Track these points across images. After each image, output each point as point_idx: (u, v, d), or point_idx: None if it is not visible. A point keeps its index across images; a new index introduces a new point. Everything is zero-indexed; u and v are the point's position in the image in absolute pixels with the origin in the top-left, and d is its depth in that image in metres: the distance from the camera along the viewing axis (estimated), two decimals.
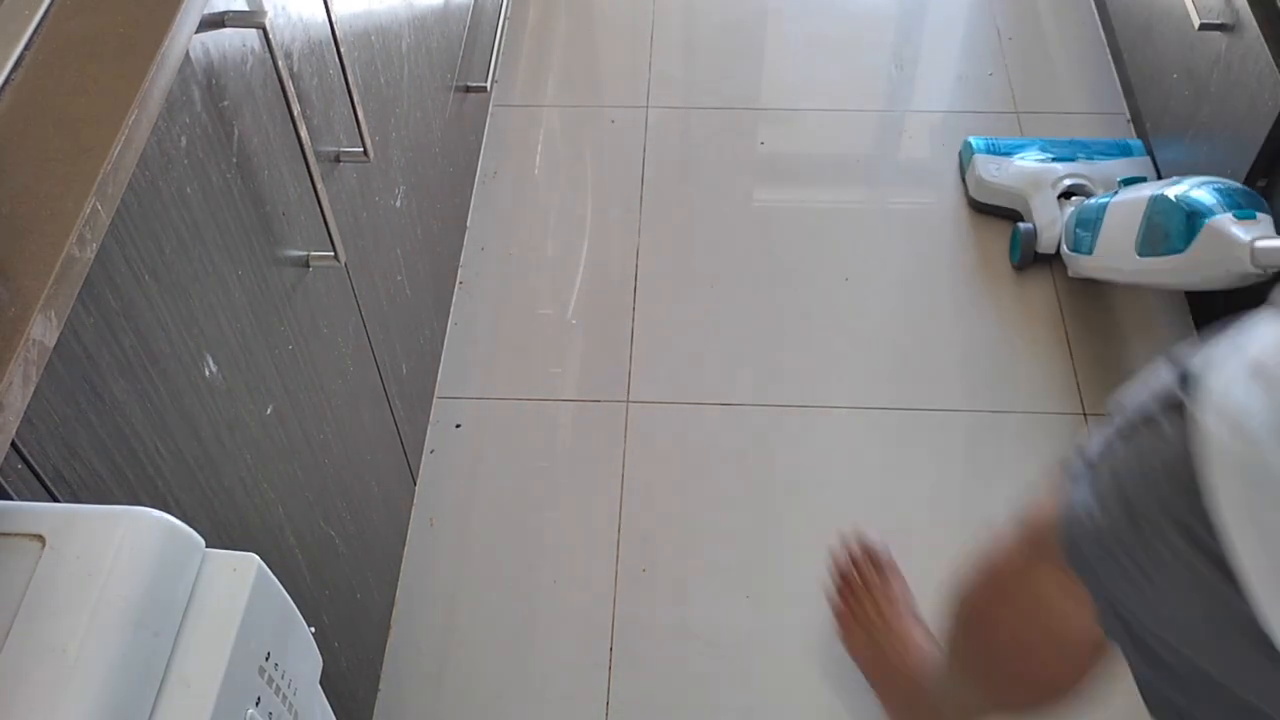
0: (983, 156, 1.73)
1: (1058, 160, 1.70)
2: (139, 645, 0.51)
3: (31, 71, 0.63)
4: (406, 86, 1.25)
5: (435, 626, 1.38)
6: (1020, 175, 1.69)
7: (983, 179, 1.71)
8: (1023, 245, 1.64)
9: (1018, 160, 1.71)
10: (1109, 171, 1.67)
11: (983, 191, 1.72)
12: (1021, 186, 1.68)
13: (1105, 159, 1.70)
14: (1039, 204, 1.65)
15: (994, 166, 1.71)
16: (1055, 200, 1.64)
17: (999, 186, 1.70)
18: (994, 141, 1.76)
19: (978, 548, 0.93)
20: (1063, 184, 1.66)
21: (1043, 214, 1.64)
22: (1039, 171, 1.68)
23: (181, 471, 0.74)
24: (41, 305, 0.53)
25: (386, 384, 1.23)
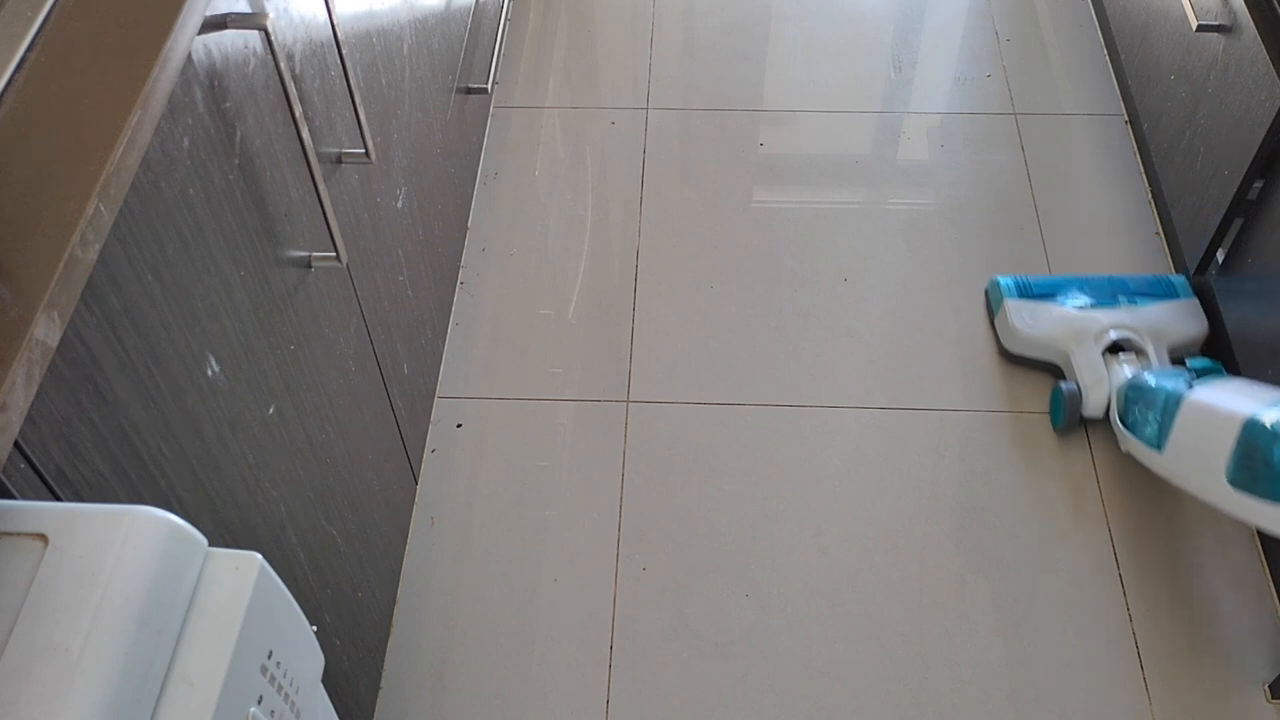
0: (1014, 302, 1.56)
1: (1098, 306, 1.53)
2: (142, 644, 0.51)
3: (34, 73, 0.63)
4: (408, 88, 1.25)
5: (436, 625, 1.38)
6: (1059, 326, 1.52)
7: (1016, 329, 1.54)
8: (1067, 409, 1.47)
9: (1053, 306, 1.54)
10: (1156, 319, 1.51)
11: (1016, 342, 1.55)
12: (1061, 340, 1.51)
13: (1149, 301, 1.53)
14: (1082, 360, 1.48)
15: (1027, 314, 1.54)
16: (1100, 356, 1.48)
17: (1035, 339, 1.53)
18: (1024, 282, 1.59)
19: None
20: (1108, 337, 1.49)
21: (1087, 372, 1.47)
22: (1080, 322, 1.51)
23: (184, 471, 0.74)
24: (44, 305, 0.53)
25: (388, 384, 1.24)
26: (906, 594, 1.40)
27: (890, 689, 1.33)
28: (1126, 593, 1.39)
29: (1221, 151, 1.40)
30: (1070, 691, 1.32)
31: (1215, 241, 1.44)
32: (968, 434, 1.53)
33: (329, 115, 0.99)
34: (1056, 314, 1.54)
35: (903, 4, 2.11)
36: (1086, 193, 1.80)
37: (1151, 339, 1.49)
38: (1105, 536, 1.43)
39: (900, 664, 1.34)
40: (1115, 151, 1.85)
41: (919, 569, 1.42)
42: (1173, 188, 1.56)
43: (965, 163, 1.85)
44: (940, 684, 1.33)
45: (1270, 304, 1.32)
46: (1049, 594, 1.39)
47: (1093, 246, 1.72)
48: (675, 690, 1.33)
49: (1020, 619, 1.37)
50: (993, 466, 1.50)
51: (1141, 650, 1.35)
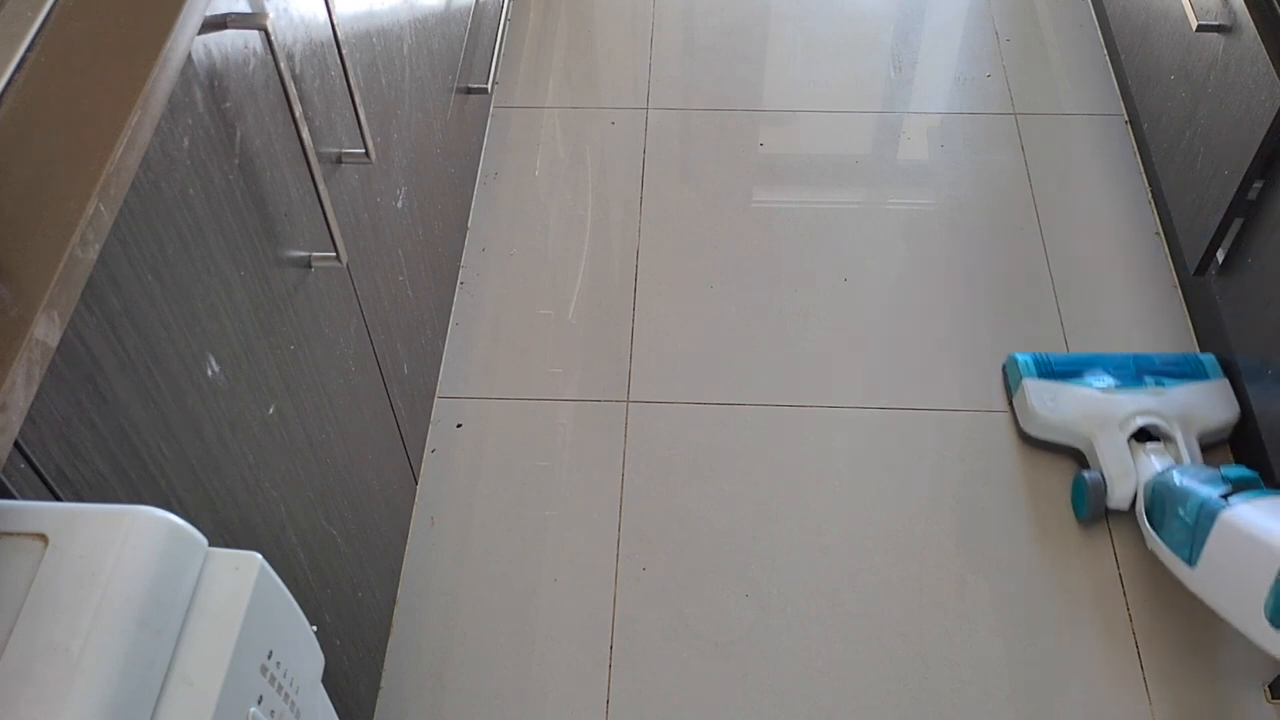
0: (1033, 383, 1.48)
1: (1122, 388, 1.45)
2: (142, 644, 0.51)
3: (34, 73, 0.63)
4: (408, 88, 1.25)
5: (436, 625, 1.38)
6: (1081, 411, 1.44)
7: (1036, 413, 1.46)
8: (1091, 501, 1.39)
9: (1075, 388, 1.47)
10: (1184, 404, 1.43)
11: (1036, 426, 1.47)
12: (1084, 425, 1.43)
13: (1176, 383, 1.46)
14: (1107, 449, 1.40)
15: (1048, 397, 1.46)
16: (1126, 444, 1.40)
17: (1056, 424, 1.45)
18: (1044, 360, 1.51)
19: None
20: (1134, 423, 1.41)
21: (1113, 462, 1.40)
22: (1104, 406, 1.43)
23: (184, 471, 0.74)
24: (44, 305, 0.53)
25: (388, 384, 1.24)
26: (906, 594, 1.40)
27: (890, 689, 1.33)
28: (1126, 592, 1.39)
29: (1221, 151, 1.40)
30: (1070, 691, 1.32)
31: (1215, 241, 1.44)
32: (968, 434, 1.53)
33: (329, 115, 0.99)
34: (1079, 396, 1.45)
35: (903, 4, 2.12)
36: (1086, 193, 1.80)
37: (1180, 426, 1.41)
38: (1105, 536, 1.43)
39: (900, 664, 1.34)
40: (1115, 151, 1.85)
41: (919, 569, 1.42)
42: (1173, 188, 1.56)
43: (965, 163, 1.85)
44: (940, 684, 1.33)
45: (1270, 304, 1.32)
46: (1049, 594, 1.39)
47: (1093, 246, 1.73)
48: (675, 690, 1.33)
49: (1020, 619, 1.37)
50: (993, 466, 1.50)
51: (1141, 650, 1.35)
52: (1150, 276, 1.69)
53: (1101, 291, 1.67)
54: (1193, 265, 1.50)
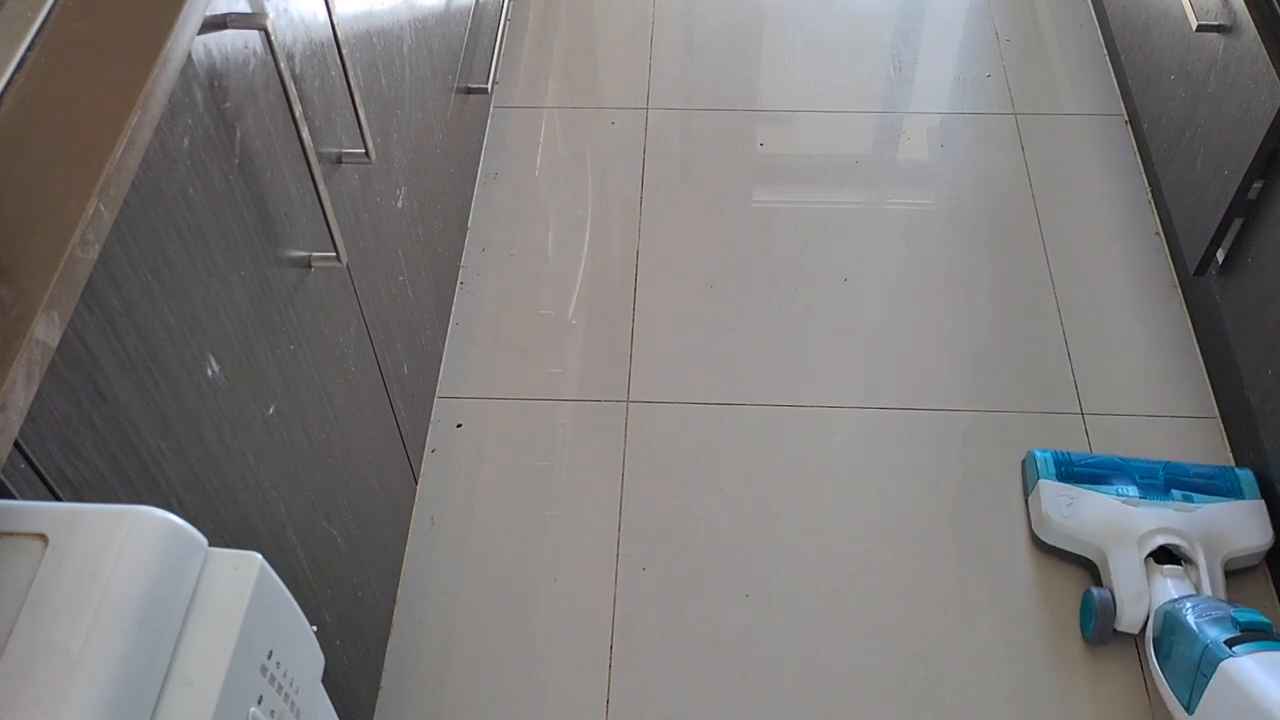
0: (1050, 486, 1.39)
1: (1146, 499, 1.36)
2: (142, 644, 0.51)
3: (34, 73, 0.63)
4: (408, 88, 1.25)
5: (436, 625, 1.38)
6: (1098, 521, 1.35)
7: (1050, 519, 1.37)
8: (1099, 621, 1.30)
9: (1096, 494, 1.37)
10: (1212, 524, 1.32)
11: (1048, 533, 1.38)
12: (1099, 537, 1.34)
13: (1207, 500, 1.35)
14: (1121, 566, 1.31)
15: (1065, 503, 1.37)
16: (1142, 564, 1.31)
17: (1070, 533, 1.36)
18: (1065, 460, 1.42)
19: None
20: (1153, 542, 1.32)
21: (1125, 582, 1.30)
22: (1123, 519, 1.34)
23: (184, 471, 0.74)
24: (44, 305, 0.53)
25: (388, 384, 1.24)
26: (906, 594, 1.40)
27: (890, 689, 1.33)
28: None
29: (1221, 151, 1.40)
30: (1071, 692, 1.32)
31: (1215, 241, 1.44)
32: (968, 434, 1.53)
33: (329, 115, 0.99)
34: (1098, 505, 1.36)
35: (903, 4, 2.12)
36: (1086, 193, 1.80)
37: (1204, 548, 1.31)
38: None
39: (900, 664, 1.34)
40: (1115, 151, 1.85)
41: (919, 569, 1.42)
42: (1173, 188, 1.56)
43: (965, 163, 1.85)
44: (940, 684, 1.33)
45: (1270, 304, 1.32)
46: (1050, 593, 1.39)
47: (1093, 246, 1.73)
48: (675, 690, 1.33)
49: (1020, 619, 1.37)
50: (992, 466, 1.50)
51: (1142, 649, 1.35)
52: (1150, 276, 1.69)
53: (1101, 291, 1.67)
54: (1193, 265, 1.50)
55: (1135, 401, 1.56)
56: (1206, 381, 1.57)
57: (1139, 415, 1.54)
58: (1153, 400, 1.56)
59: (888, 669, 1.34)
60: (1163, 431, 1.52)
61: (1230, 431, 1.51)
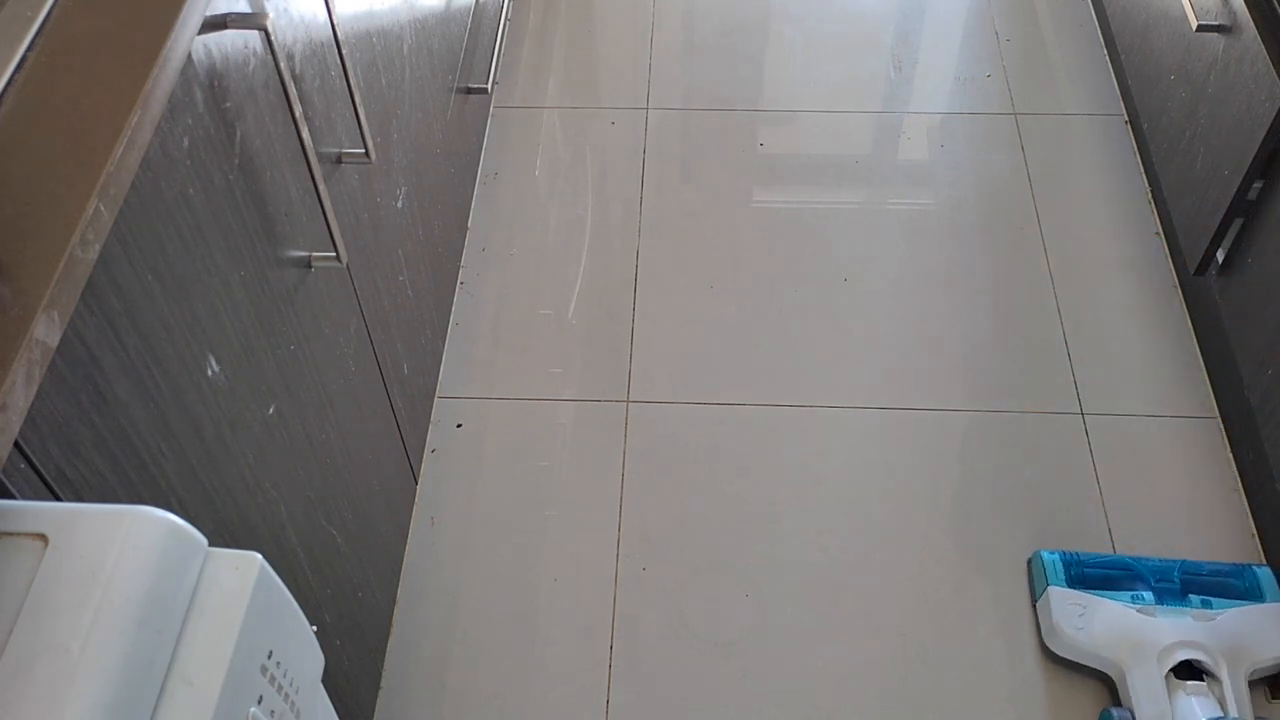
0: (1060, 594, 1.31)
1: (1164, 604, 1.29)
2: (142, 644, 0.51)
3: (34, 72, 0.63)
4: (408, 88, 1.25)
5: (436, 625, 1.38)
6: (1114, 634, 1.27)
7: (1062, 631, 1.29)
8: None
9: (1109, 603, 1.29)
10: (1235, 634, 1.25)
11: (1061, 644, 1.30)
12: (1116, 653, 1.26)
13: (1227, 605, 1.29)
14: (1141, 685, 1.23)
15: (1076, 612, 1.29)
16: (1163, 681, 1.23)
17: (1084, 647, 1.28)
18: (1074, 561, 1.34)
19: None
20: (1174, 657, 1.24)
21: (1146, 701, 1.22)
22: (1141, 632, 1.26)
23: (184, 471, 0.74)
24: (44, 305, 0.53)
25: (388, 384, 1.24)
26: (906, 594, 1.40)
27: (890, 689, 1.33)
28: None
29: (1221, 151, 1.40)
30: (1071, 692, 1.32)
31: (1215, 241, 1.44)
32: (968, 434, 1.53)
33: (329, 115, 0.99)
34: (1113, 616, 1.28)
35: (903, 4, 2.12)
36: (1086, 193, 1.80)
37: (1227, 662, 1.23)
38: (1105, 535, 1.43)
39: (900, 664, 1.34)
40: (1115, 151, 1.85)
41: (919, 569, 1.42)
42: (1173, 188, 1.56)
43: (965, 163, 1.85)
44: (940, 684, 1.33)
45: (1270, 304, 1.32)
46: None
47: (1093, 246, 1.72)
48: (675, 690, 1.33)
49: (1020, 619, 1.37)
50: (992, 466, 1.50)
51: None
52: (1150, 276, 1.69)
53: (1101, 291, 1.67)
54: (1193, 265, 1.50)
55: (1135, 401, 1.56)
56: (1206, 381, 1.57)
57: (1139, 415, 1.54)
58: (1153, 400, 1.56)
59: (888, 669, 1.34)
60: (1163, 431, 1.52)
61: (1230, 431, 1.51)
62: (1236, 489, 1.47)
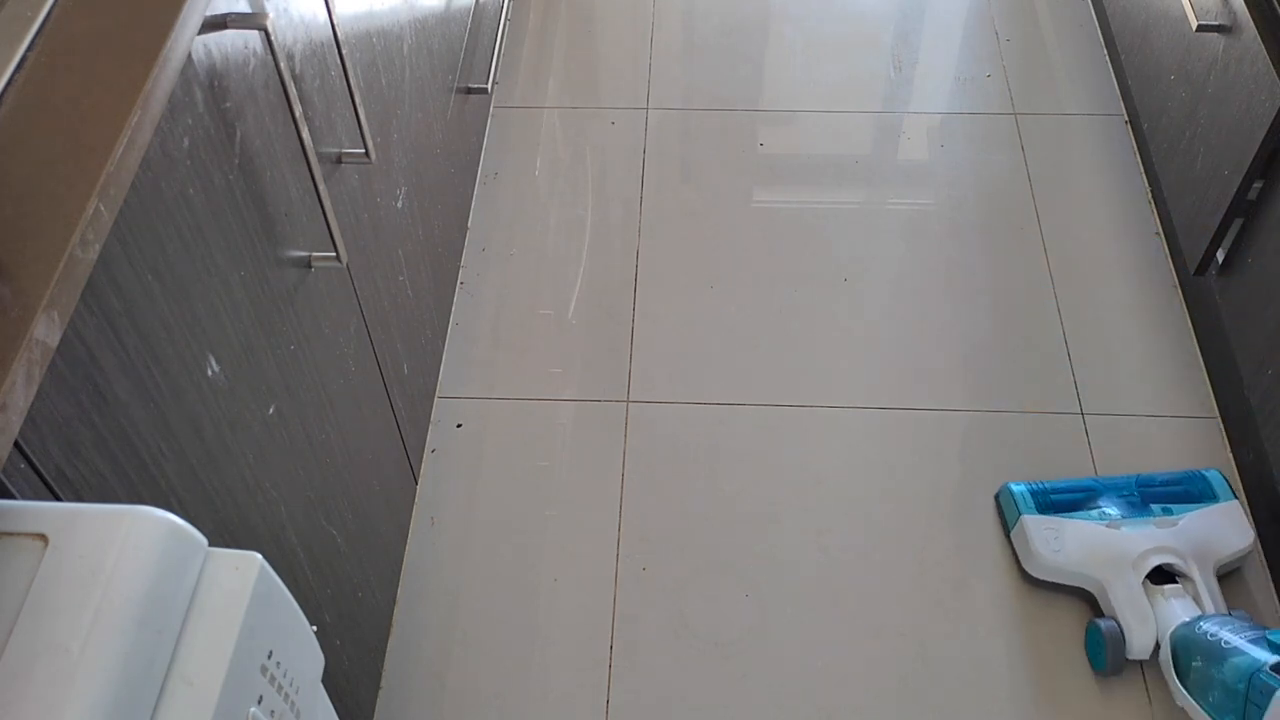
0: (1033, 521, 1.37)
1: (1128, 520, 1.35)
2: (141, 644, 0.51)
3: (34, 72, 0.63)
4: (408, 88, 1.25)
5: (436, 625, 1.38)
6: (1088, 550, 1.33)
7: (1040, 555, 1.35)
8: (1110, 653, 1.28)
9: (1079, 523, 1.36)
10: (1199, 535, 1.33)
11: (1040, 568, 1.36)
12: (1093, 568, 1.33)
13: (1186, 509, 1.36)
14: (1121, 594, 1.30)
15: (1051, 536, 1.35)
16: (1142, 588, 1.30)
17: (1064, 568, 1.34)
18: (1041, 491, 1.41)
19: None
20: (1148, 563, 1.31)
21: (1129, 609, 1.29)
22: (1113, 546, 1.33)
23: (184, 471, 0.74)
24: (44, 305, 0.53)
25: (388, 384, 1.24)
26: (906, 594, 1.40)
27: (890, 689, 1.33)
28: None
29: (1221, 151, 1.40)
30: (1071, 692, 1.32)
31: (1215, 241, 1.44)
32: (968, 434, 1.53)
33: (329, 115, 0.99)
34: (1085, 534, 1.35)
35: (903, 4, 2.12)
36: (1086, 193, 1.80)
37: (1196, 561, 1.31)
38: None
39: (900, 664, 1.34)
40: (1115, 151, 1.85)
41: (919, 569, 1.42)
42: (1173, 188, 1.56)
43: (965, 163, 1.85)
44: (940, 684, 1.33)
45: (1270, 304, 1.32)
46: (1049, 593, 1.39)
47: (1093, 247, 1.73)
48: (675, 690, 1.33)
49: (1020, 619, 1.37)
50: (993, 466, 1.50)
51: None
52: (1150, 276, 1.69)
53: (1101, 291, 1.67)
54: (1193, 265, 1.50)
55: (1135, 401, 1.56)
56: (1206, 381, 1.57)
57: (1139, 415, 1.54)
58: (1153, 400, 1.56)
59: (887, 669, 1.34)
60: (1163, 431, 1.52)
61: (1230, 431, 1.51)
62: (1237, 489, 1.47)
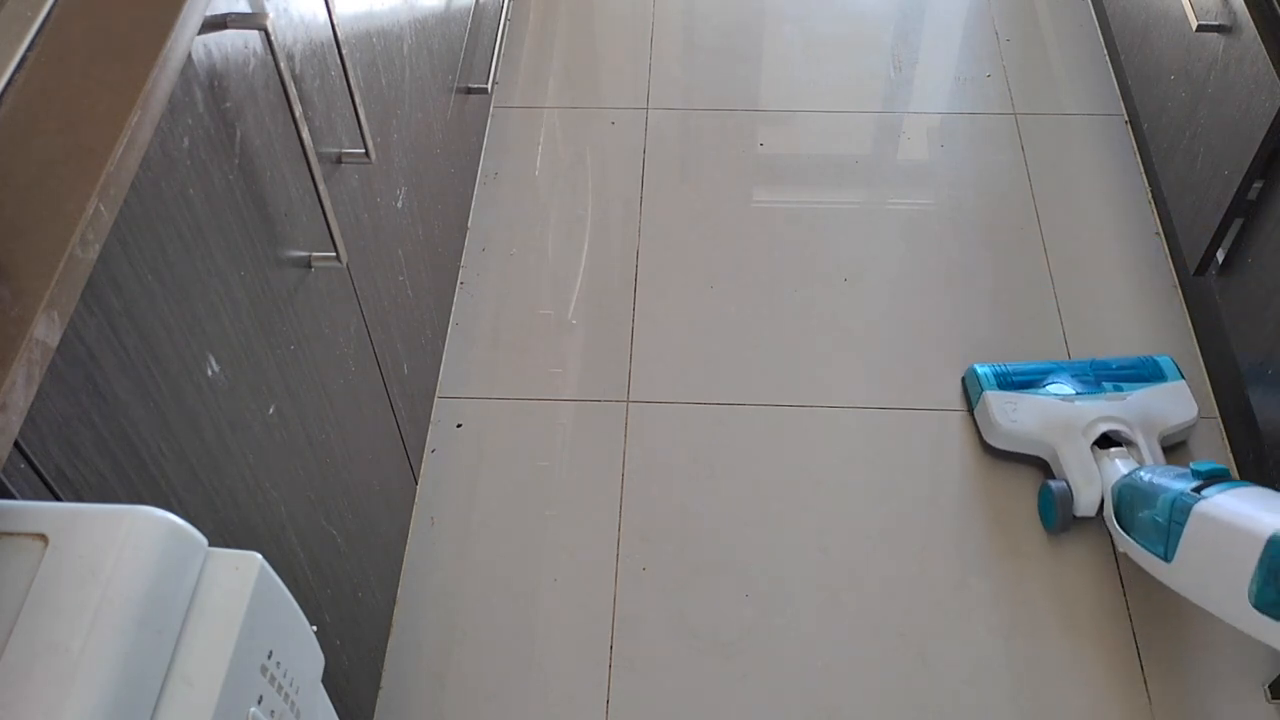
0: (994, 396, 1.49)
1: (1083, 395, 1.46)
2: (142, 644, 0.51)
3: (34, 73, 0.63)
4: (408, 88, 1.25)
5: (436, 625, 1.38)
6: (1043, 419, 1.45)
7: (998, 425, 1.46)
8: (1059, 511, 1.39)
9: (1036, 397, 1.47)
10: (1146, 408, 1.45)
11: (998, 437, 1.48)
12: (1046, 434, 1.44)
13: (1136, 387, 1.47)
14: (1071, 457, 1.41)
15: (1010, 408, 1.47)
16: (1090, 452, 1.41)
17: (1019, 435, 1.46)
18: (1003, 371, 1.52)
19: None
20: (1096, 429, 1.42)
21: (1077, 470, 1.40)
22: (1065, 414, 1.44)
23: (184, 471, 0.74)
24: (44, 305, 0.53)
25: (388, 384, 1.24)
26: (906, 594, 1.40)
27: (890, 689, 1.33)
28: (1127, 592, 1.39)
29: (1221, 151, 1.40)
30: (1071, 691, 1.32)
31: (1215, 241, 1.44)
32: (968, 434, 1.53)
33: (329, 115, 0.99)
34: (1040, 406, 1.46)
35: (903, 4, 2.12)
36: (1086, 193, 1.80)
37: (1141, 430, 1.42)
38: (1106, 538, 1.43)
39: (900, 664, 1.34)
40: (1115, 151, 1.85)
41: (918, 569, 1.42)
42: (1173, 188, 1.56)
43: (965, 163, 1.85)
44: (940, 684, 1.33)
45: (1270, 304, 1.32)
46: (1049, 593, 1.39)
47: (1093, 246, 1.73)
48: (675, 690, 1.33)
49: (1020, 619, 1.37)
50: (992, 466, 1.50)
51: (1141, 650, 1.35)
52: (1150, 276, 1.69)
53: (1101, 291, 1.67)
54: (1193, 265, 1.50)
55: None
56: (1207, 381, 1.57)
57: None
58: None
59: (888, 669, 1.34)
60: None
61: (1230, 431, 1.51)
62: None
